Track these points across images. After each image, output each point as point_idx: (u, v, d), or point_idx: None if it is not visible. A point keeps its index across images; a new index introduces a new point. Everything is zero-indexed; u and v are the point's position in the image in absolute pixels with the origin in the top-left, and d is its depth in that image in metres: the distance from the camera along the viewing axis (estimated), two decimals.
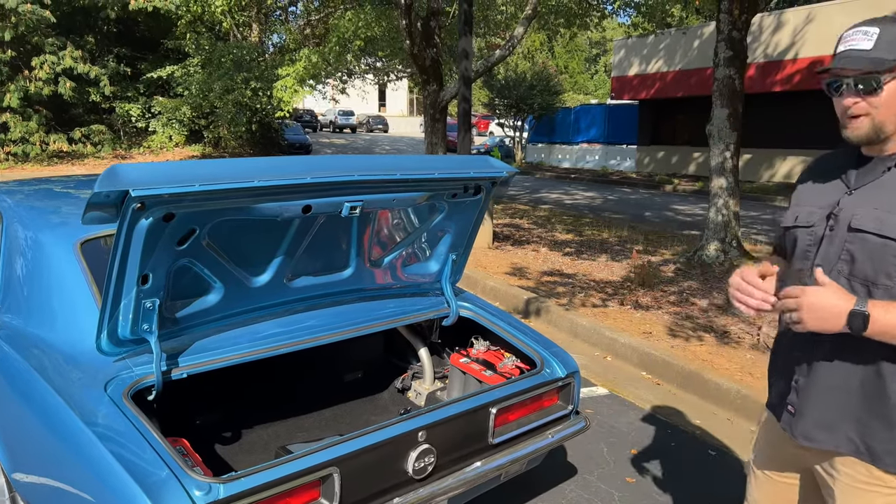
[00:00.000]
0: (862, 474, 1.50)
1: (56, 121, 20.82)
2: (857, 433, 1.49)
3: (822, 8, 16.42)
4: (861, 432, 1.48)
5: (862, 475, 1.50)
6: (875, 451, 1.47)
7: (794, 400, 1.59)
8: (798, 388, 1.58)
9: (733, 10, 7.08)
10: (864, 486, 1.50)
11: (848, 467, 1.52)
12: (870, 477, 1.49)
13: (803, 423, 1.57)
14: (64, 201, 3.05)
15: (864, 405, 1.47)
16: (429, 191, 2.38)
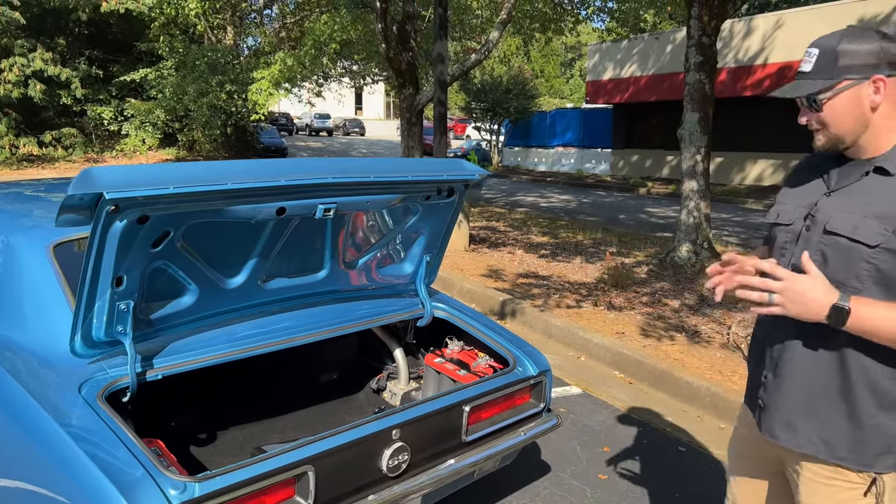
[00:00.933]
0: (824, 470, 1.54)
1: (26, 124, 20.48)
2: (818, 430, 1.52)
3: (791, 14, 16.79)
4: (822, 429, 1.52)
5: (824, 471, 1.54)
6: (835, 448, 1.51)
7: (763, 395, 1.63)
8: (766, 383, 1.63)
9: (703, 15, 7.22)
10: (826, 481, 1.54)
11: (810, 462, 1.56)
12: (832, 472, 1.53)
13: (769, 419, 1.61)
14: (35, 205, 3.04)
15: (827, 402, 1.51)
16: (402, 193, 2.41)
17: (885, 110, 1.45)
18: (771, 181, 17.17)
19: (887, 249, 1.40)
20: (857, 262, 1.43)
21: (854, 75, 1.43)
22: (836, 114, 1.47)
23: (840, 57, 1.43)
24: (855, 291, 1.43)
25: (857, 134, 1.48)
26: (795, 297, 1.39)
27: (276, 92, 16.43)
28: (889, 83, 1.43)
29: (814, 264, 1.43)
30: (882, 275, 1.42)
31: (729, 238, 9.89)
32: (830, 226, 1.48)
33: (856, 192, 1.49)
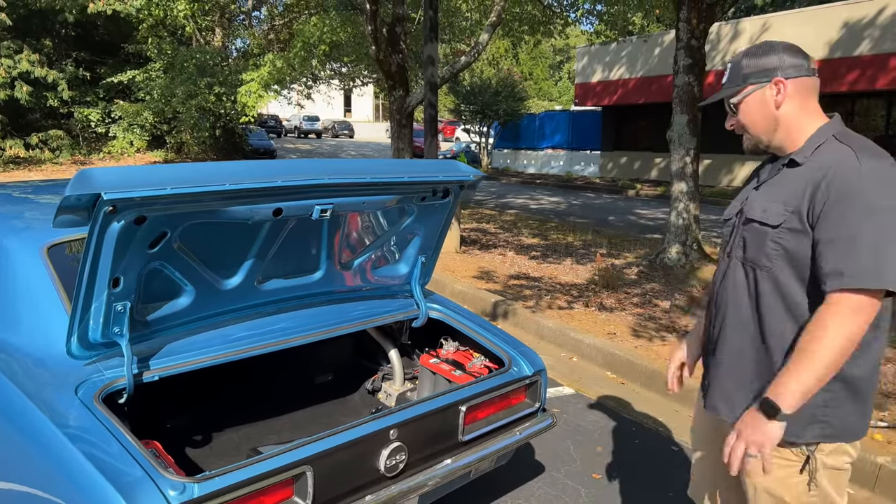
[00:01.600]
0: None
1: (12, 126, 20.29)
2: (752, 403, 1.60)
3: (778, 17, 16.94)
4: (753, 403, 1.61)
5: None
6: None
7: (706, 375, 1.82)
8: (708, 364, 1.81)
9: (692, 19, 7.28)
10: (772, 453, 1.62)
11: None
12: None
13: (712, 397, 1.78)
14: (26, 206, 3.02)
15: (756, 376, 1.65)
16: (398, 194, 2.42)
17: (791, 109, 1.63)
18: None
19: (788, 229, 1.56)
20: (765, 243, 1.61)
21: (757, 79, 1.64)
22: (749, 115, 1.68)
23: (744, 67, 1.66)
24: (767, 270, 1.61)
25: (771, 132, 1.67)
26: (752, 439, 1.52)
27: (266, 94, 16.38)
28: (789, 85, 1.62)
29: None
30: (789, 253, 1.58)
31: (717, 239, 9.95)
32: (750, 214, 1.68)
33: (774, 183, 1.67)
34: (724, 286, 1.75)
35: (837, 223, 1.48)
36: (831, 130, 1.62)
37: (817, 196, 1.52)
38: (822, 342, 1.45)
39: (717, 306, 1.77)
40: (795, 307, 1.59)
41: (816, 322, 1.48)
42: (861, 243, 1.45)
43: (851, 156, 1.52)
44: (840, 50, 15.34)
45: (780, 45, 1.64)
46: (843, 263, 1.45)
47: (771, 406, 1.49)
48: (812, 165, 1.58)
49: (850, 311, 1.44)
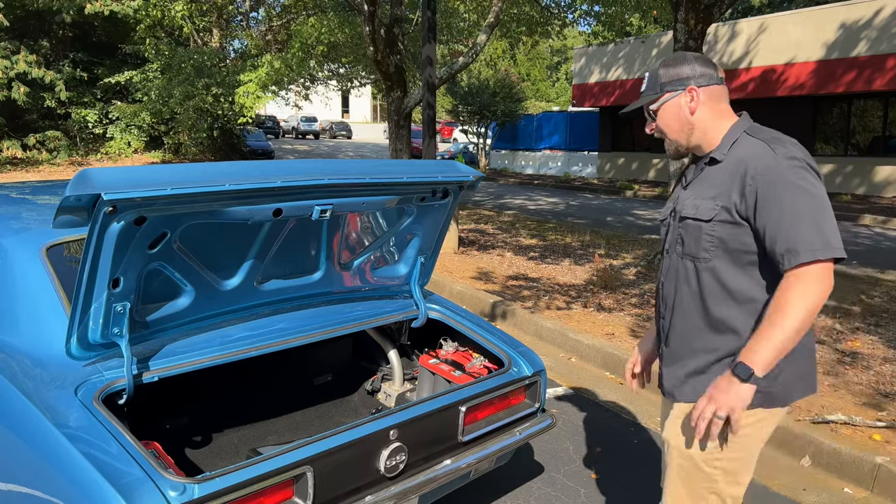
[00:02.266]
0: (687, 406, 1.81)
1: (9, 127, 20.28)
2: (702, 384, 1.77)
3: (775, 18, 16.96)
4: (699, 382, 1.79)
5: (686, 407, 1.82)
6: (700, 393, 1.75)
7: (663, 364, 1.92)
8: (661, 352, 1.94)
9: (689, 20, 7.29)
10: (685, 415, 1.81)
11: (683, 405, 1.83)
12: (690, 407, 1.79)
13: (667, 382, 1.90)
14: (25, 207, 3.01)
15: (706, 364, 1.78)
16: (398, 194, 2.42)
17: (705, 114, 1.79)
18: None
19: (720, 221, 1.71)
20: (701, 237, 1.75)
21: (673, 88, 1.79)
22: (666, 120, 1.83)
23: (661, 76, 1.81)
24: (705, 261, 1.75)
25: (688, 136, 1.82)
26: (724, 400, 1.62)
27: (263, 95, 16.39)
28: (701, 92, 1.78)
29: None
30: (723, 244, 1.71)
31: None
32: (683, 212, 1.81)
33: (700, 182, 1.81)
34: (668, 281, 1.88)
35: (774, 208, 1.62)
36: (742, 128, 1.78)
37: (746, 190, 1.66)
38: (788, 309, 1.57)
39: (664, 300, 1.90)
40: (735, 293, 1.73)
41: (781, 293, 1.59)
42: (802, 221, 1.59)
43: (765, 147, 1.68)
44: (837, 51, 15.37)
45: (692, 56, 1.81)
46: (793, 242, 1.58)
47: (743, 369, 1.59)
48: (731, 161, 1.73)
49: (812, 281, 1.57)
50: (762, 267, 1.71)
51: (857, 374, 4.30)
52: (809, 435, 3.49)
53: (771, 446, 3.63)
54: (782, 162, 1.63)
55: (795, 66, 16.01)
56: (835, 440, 3.41)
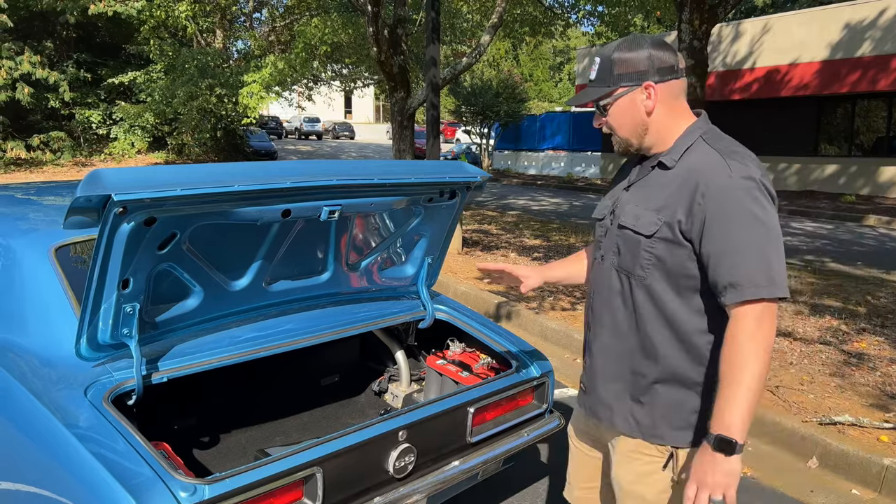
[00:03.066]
0: (630, 445, 1.69)
1: (14, 127, 20.32)
2: (629, 409, 1.67)
3: (779, 18, 16.94)
4: (632, 408, 1.66)
5: (630, 446, 1.69)
6: (642, 425, 1.66)
7: (583, 377, 1.82)
8: (586, 367, 1.80)
9: (694, 20, 7.29)
10: (632, 454, 1.69)
11: (624, 440, 1.71)
12: (636, 446, 1.68)
13: (590, 401, 1.77)
14: (32, 208, 3.02)
15: (633, 383, 1.66)
16: (406, 195, 2.42)
17: (661, 113, 1.59)
18: None
19: (661, 239, 1.54)
20: (639, 252, 1.58)
21: (628, 83, 1.57)
22: (618, 118, 1.62)
23: (615, 66, 1.57)
24: (641, 279, 1.59)
25: (640, 136, 1.62)
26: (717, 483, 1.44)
27: (267, 95, 16.41)
28: (659, 89, 1.56)
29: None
30: (662, 263, 1.56)
31: None
32: (622, 220, 1.64)
33: (644, 186, 1.63)
34: (600, 292, 1.72)
35: (722, 235, 1.46)
36: (699, 131, 1.60)
37: (694, 209, 1.49)
38: (743, 363, 1.42)
39: (594, 311, 1.74)
40: (671, 318, 1.58)
41: (731, 343, 1.44)
42: (749, 254, 1.44)
43: (721, 162, 1.50)
44: (841, 51, 15.35)
45: (650, 41, 1.58)
46: (736, 276, 1.44)
47: (728, 443, 1.42)
48: (682, 170, 1.55)
49: (757, 323, 1.43)
50: (703, 295, 1.55)
51: (863, 376, 4.29)
52: (817, 436, 3.48)
53: (778, 448, 3.63)
54: (737, 182, 1.46)
55: (799, 67, 15.99)
56: (842, 441, 3.40)
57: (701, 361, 1.58)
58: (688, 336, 1.58)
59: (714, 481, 1.44)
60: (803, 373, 4.36)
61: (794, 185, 16.76)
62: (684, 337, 1.58)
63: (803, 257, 8.83)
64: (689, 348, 1.58)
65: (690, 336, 1.57)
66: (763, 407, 3.83)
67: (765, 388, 1.47)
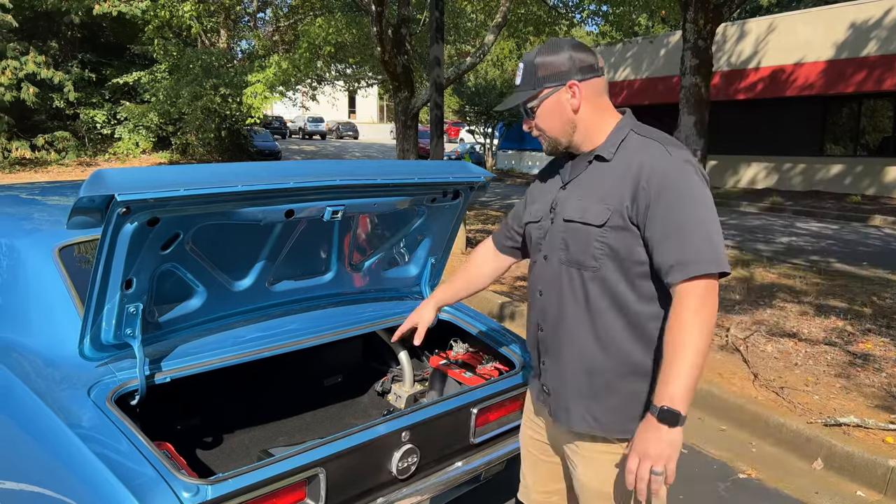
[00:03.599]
0: (595, 445, 1.70)
1: (18, 127, 20.38)
2: (590, 408, 1.67)
3: (784, 18, 16.89)
4: (593, 407, 1.67)
5: (595, 446, 1.70)
6: (603, 422, 1.66)
7: (545, 380, 1.79)
8: (545, 369, 1.77)
9: (698, 19, 7.26)
10: (599, 454, 1.70)
11: (586, 441, 1.72)
12: (602, 447, 1.69)
13: (554, 403, 1.76)
14: (36, 208, 3.02)
15: (593, 380, 1.66)
16: (409, 195, 2.42)
17: (587, 111, 1.65)
18: (764, 184, 17.27)
19: (612, 227, 1.57)
20: (590, 243, 1.60)
21: (552, 83, 1.63)
22: (546, 118, 1.66)
23: (539, 69, 1.63)
24: (593, 270, 1.61)
25: (569, 135, 1.67)
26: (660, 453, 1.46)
27: (271, 95, 16.42)
28: (582, 87, 1.62)
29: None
30: (613, 252, 1.58)
31: (724, 241, 9.93)
32: (566, 215, 1.66)
33: (584, 180, 1.67)
34: (549, 291, 1.71)
35: (667, 216, 1.51)
36: (628, 125, 1.66)
37: (639, 194, 1.54)
38: (687, 339, 1.45)
39: (544, 311, 1.73)
40: (625, 307, 1.61)
41: (676, 318, 1.48)
42: (694, 232, 1.49)
43: (661, 149, 1.57)
44: (847, 51, 15.29)
45: (569, 44, 1.65)
46: (684, 253, 1.48)
47: (672, 414, 1.45)
48: (622, 161, 1.60)
49: (701, 299, 1.47)
50: (652, 279, 1.58)
51: (868, 377, 4.27)
52: (822, 438, 3.47)
53: (783, 449, 3.62)
54: (679, 166, 1.53)
55: (805, 66, 15.94)
56: (847, 443, 3.39)
57: (653, 347, 1.62)
58: (641, 323, 1.61)
59: (657, 452, 1.46)
60: (808, 374, 4.34)
61: (799, 185, 16.71)
62: (637, 325, 1.61)
63: (808, 257, 8.80)
64: (641, 335, 1.62)
65: (643, 323, 1.61)
66: (768, 408, 3.81)
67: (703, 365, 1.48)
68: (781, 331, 5.17)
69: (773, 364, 4.51)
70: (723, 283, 6.64)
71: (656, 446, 1.46)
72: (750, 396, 4.00)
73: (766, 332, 5.12)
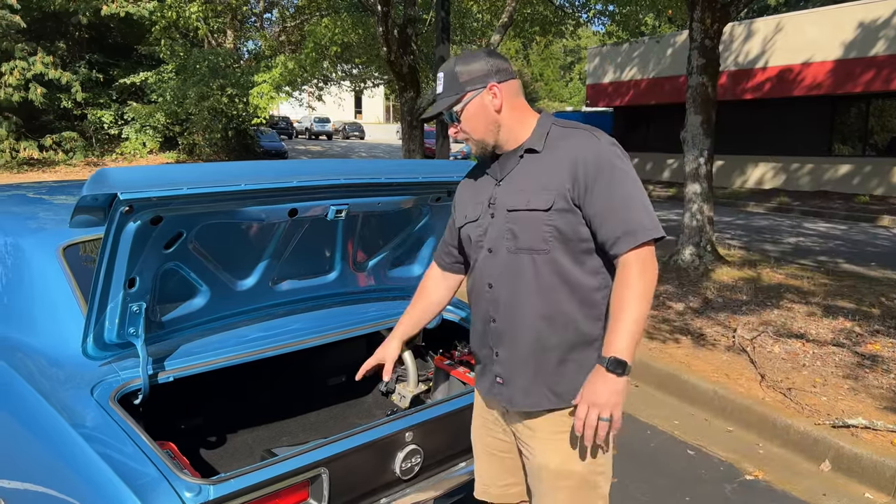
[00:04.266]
0: (553, 425, 1.76)
1: (26, 127, 20.45)
2: (549, 385, 1.75)
3: (791, 17, 16.81)
4: (552, 383, 1.75)
5: (553, 426, 1.76)
6: (563, 394, 1.74)
7: (499, 371, 1.82)
8: (499, 359, 1.82)
9: (705, 19, 7.22)
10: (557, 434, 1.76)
11: (541, 422, 1.78)
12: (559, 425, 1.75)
13: (510, 391, 1.80)
14: (41, 207, 3.03)
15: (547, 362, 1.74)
16: (413, 194, 2.41)
17: (508, 110, 1.75)
18: (771, 184, 17.19)
19: (557, 210, 1.67)
20: (539, 227, 1.69)
21: (474, 86, 1.73)
22: (471, 121, 1.75)
23: (459, 76, 1.74)
24: (544, 253, 1.70)
25: (495, 134, 1.76)
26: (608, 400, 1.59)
27: (277, 95, 16.45)
28: (502, 88, 1.73)
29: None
30: (560, 233, 1.68)
31: (731, 241, 9.89)
32: (509, 205, 1.74)
33: (519, 174, 1.76)
34: (500, 281, 1.77)
35: (607, 194, 1.64)
36: (549, 120, 1.78)
37: (578, 176, 1.66)
38: (632, 300, 1.59)
39: (496, 302, 1.79)
40: (574, 283, 1.71)
41: (622, 285, 1.62)
42: (635, 205, 1.64)
43: (588, 135, 1.71)
44: (855, 50, 15.21)
45: (484, 52, 1.77)
46: (630, 224, 1.62)
47: (619, 363, 1.58)
48: (554, 150, 1.72)
49: (644, 262, 1.62)
50: (594, 256, 1.72)
51: (877, 378, 4.23)
52: (829, 439, 3.44)
53: (790, 451, 3.59)
54: (609, 149, 1.67)
55: (812, 66, 15.86)
56: (855, 445, 3.36)
57: (599, 317, 1.73)
58: (587, 296, 1.72)
59: (604, 400, 1.59)
60: (816, 375, 4.31)
61: (807, 185, 16.62)
62: (584, 298, 1.72)
63: (816, 258, 8.75)
64: (590, 306, 1.72)
65: (590, 295, 1.72)
66: (775, 410, 3.79)
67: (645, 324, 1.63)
68: (789, 332, 5.13)
69: (780, 365, 4.48)
70: (729, 284, 6.61)
71: (604, 394, 1.59)
72: (757, 397, 3.97)
73: (773, 333, 5.09)
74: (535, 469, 1.82)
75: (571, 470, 1.75)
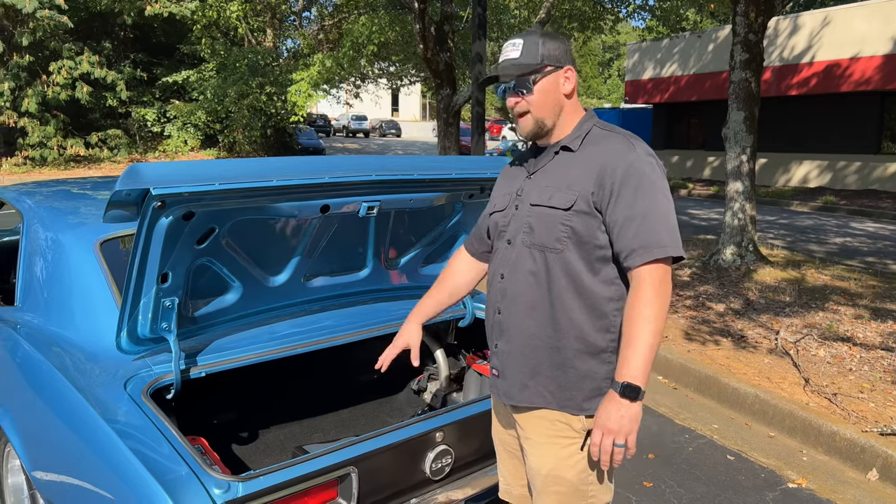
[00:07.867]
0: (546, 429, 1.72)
1: (73, 125, 21.01)
2: (544, 384, 1.70)
3: (839, 11, 16.30)
4: (547, 382, 1.70)
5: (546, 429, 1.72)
6: (558, 398, 1.70)
7: (496, 363, 1.81)
8: (498, 351, 1.80)
9: (749, 12, 7.03)
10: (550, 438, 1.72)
11: (537, 424, 1.74)
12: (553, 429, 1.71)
13: (505, 384, 1.78)
14: (82, 202, 3.07)
15: (548, 358, 1.69)
16: (445, 191, 2.38)
17: (573, 98, 1.75)
18: (816, 183, 16.71)
19: (577, 211, 1.64)
20: (555, 226, 1.67)
21: (553, 63, 1.70)
22: (541, 96, 1.70)
23: (542, 47, 1.70)
24: (557, 252, 1.66)
25: (555, 117, 1.73)
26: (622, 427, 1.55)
27: (315, 93, 16.57)
28: (574, 76, 1.73)
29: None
30: (577, 236, 1.65)
31: (774, 241, 9.63)
32: (532, 200, 1.72)
33: (550, 170, 1.74)
34: (511, 272, 1.75)
35: (630, 203, 1.59)
36: (592, 121, 1.75)
37: (605, 181, 1.62)
38: (646, 320, 1.54)
39: (504, 292, 1.77)
40: (584, 291, 1.66)
41: (635, 302, 1.56)
42: (655, 219, 1.58)
43: (625, 142, 1.66)
44: None
45: (560, 35, 1.74)
46: (645, 238, 1.57)
47: (633, 389, 1.53)
48: (587, 152, 1.68)
49: (659, 281, 1.57)
50: (610, 265, 1.66)
51: None
52: (877, 447, 3.31)
53: (836, 459, 3.47)
54: (642, 158, 1.63)
55: (861, 61, 15.35)
56: None
57: (609, 329, 1.67)
58: (598, 305, 1.67)
59: (619, 426, 1.54)
60: (863, 380, 4.15)
61: (854, 184, 16.12)
62: (595, 306, 1.67)
63: (864, 259, 8.47)
64: (599, 316, 1.67)
65: (601, 305, 1.67)
66: (820, 416, 3.66)
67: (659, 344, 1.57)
68: (835, 334, 4.97)
69: (825, 369, 4.33)
70: (772, 285, 6.43)
71: (618, 421, 1.54)
72: (801, 402, 3.84)
73: (818, 336, 4.93)
74: (530, 473, 1.81)
75: (562, 477, 1.72)
